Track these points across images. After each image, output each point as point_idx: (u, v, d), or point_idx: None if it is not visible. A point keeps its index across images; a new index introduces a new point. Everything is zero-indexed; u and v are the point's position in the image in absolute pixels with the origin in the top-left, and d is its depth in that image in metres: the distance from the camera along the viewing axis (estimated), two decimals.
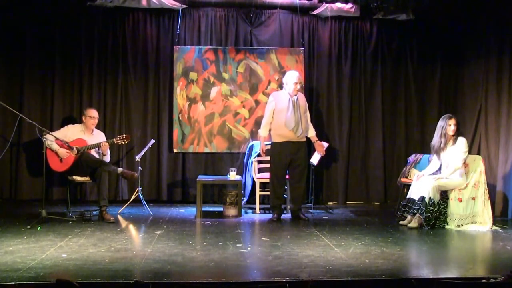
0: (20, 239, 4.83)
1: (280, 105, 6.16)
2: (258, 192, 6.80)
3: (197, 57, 7.47)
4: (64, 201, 6.69)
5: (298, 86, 6.20)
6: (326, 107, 7.70)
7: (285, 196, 6.51)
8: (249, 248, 4.69)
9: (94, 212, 6.19)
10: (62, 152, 6.11)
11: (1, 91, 7.08)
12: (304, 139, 6.27)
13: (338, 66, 7.71)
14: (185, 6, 7.38)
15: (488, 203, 5.85)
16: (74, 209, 6.39)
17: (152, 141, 6.96)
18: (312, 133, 6.45)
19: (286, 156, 6.15)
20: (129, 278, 3.62)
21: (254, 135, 7.49)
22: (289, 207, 6.46)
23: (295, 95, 6.19)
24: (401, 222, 5.94)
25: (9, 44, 7.19)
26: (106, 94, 7.40)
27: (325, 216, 6.61)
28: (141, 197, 6.57)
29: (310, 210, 6.77)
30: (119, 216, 6.29)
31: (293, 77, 6.18)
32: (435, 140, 6.02)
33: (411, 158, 6.85)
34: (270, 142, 6.35)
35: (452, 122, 5.90)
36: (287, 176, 6.34)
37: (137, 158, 6.59)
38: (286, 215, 6.44)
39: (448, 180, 5.85)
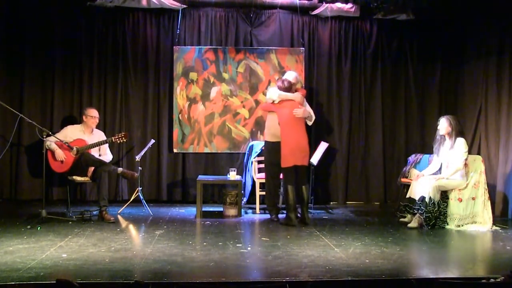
0: (20, 239, 4.83)
1: None
2: (258, 192, 6.79)
3: (197, 57, 7.47)
4: (64, 201, 6.69)
5: (298, 86, 6.21)
6: (326, 107, 7.70)
7: (281, 195, 6.51)
8: (249, 248, 4.69)
9: (94, 212, 6.19)
10: (59, 153, 6.09)
11: (1, 91, 7.07)
12: None
13: (338, 66, 7.71)
14: (185, 6, 7.37)
15: (488, 203, 5.86)
16: (74, 209, 6.38)
17: (152, 141, 6.96)
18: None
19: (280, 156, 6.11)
20: (129, 278, 3.62)
21: (254, 135, 7.49)
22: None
23: None
24: (401, 220, 5.96)
25: (9, 44, 7.18)
26: (106, 94, 7.40)
27: (325, 216, 6.61)
28: (141, 197, 6.56)
29: (310, 210, 6.75)
30: (119, 216, 6.28)
31: (290, 78, 6.18)
32: (435, 139, 6.14)
33: (411, 158, 6.85)
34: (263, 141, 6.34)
35: (441, 121, 5.98)
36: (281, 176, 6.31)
37: (137, 158, 6.58)
38: (283, 215, 6.38)
39: (449, 180, 5.85)
